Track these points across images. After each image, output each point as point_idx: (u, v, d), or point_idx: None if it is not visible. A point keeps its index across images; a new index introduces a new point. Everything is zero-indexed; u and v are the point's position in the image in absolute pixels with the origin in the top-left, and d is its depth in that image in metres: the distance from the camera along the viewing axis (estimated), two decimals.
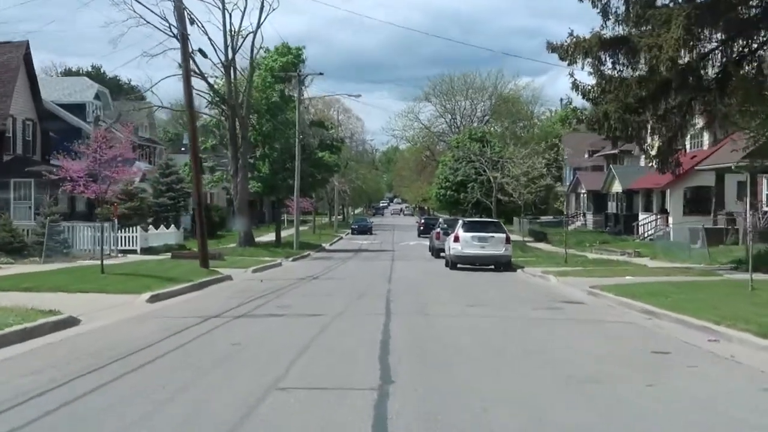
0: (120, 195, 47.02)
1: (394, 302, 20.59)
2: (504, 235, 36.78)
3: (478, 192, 59.65)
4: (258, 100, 53.89)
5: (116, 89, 78.73)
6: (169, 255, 40.88)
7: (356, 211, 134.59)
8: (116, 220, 42.77)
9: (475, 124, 79.60)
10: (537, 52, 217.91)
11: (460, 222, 37.64)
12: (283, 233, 72.87)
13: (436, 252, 48.79)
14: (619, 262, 39.35)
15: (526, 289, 26.49)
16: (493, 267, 36.69)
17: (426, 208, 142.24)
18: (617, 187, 68.37)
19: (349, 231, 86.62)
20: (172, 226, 51.14)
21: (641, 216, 61.81)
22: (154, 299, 20.63)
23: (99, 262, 38.86)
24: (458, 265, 36.77)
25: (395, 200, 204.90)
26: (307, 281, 28.77)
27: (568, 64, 33.72)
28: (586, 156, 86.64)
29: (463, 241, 36.29)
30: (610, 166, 71.78)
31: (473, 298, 22.50)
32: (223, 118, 49.46)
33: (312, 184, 57.84)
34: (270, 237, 68.20)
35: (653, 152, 32.93)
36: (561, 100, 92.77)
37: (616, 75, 31.58)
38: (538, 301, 21.92)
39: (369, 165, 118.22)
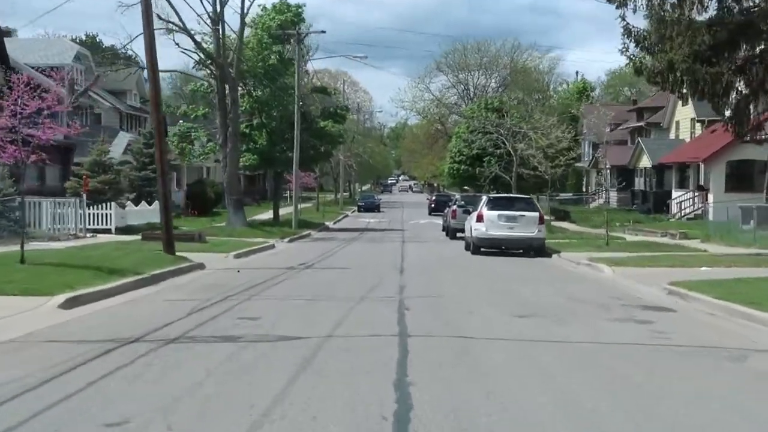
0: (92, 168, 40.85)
1: (410, 312, 14.19)
2: (536, 214, 30.38)
3: (496, 166, 53.05)
4: (253, 62, 47.42)
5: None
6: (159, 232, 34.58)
7: (363, 188, 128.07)
8: (85, 195, 36.48)
9: (490, 95, 73.04)
10: (546, 30, 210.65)
11: (485, 199, 31.23)
12: (283, 211, 66.63)
13: (452, 232, 42.43)
14: (668, 246, 32.97)
15: (579, 285, 20.10)
16: (521, 252, 30.36)
17: (435, 185, 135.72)
18: (646, 162, 61.86)
19: (356, 208, 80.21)
20: (156, 202, 44.74)
21: (675, 193, 55.31)
22: (70, 304, 14.32)
23: (60, 243, 32.94)
24: (481, 249, 30.44)
25: (402, 177, 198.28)
26: (297, 272, 22.42)
27: (618, 7, 27.35)
28: (608, 130, 79.75)
29: (488, 221, 29.92)
30: (638, 139, 65.22)
31: (518, 302, 16.16)
32: (212, 80, 42.94)
33: (314, 156, 51.43)
34: (270, 215, 62.01)
35: (727, 113, 26.39)
36: (576, 73, 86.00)
37: (681, 17, 25.09)
38: (608, 306, 15.52)
39: (377, 140, 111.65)
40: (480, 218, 30.10)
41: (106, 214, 38.56)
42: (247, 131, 51.51)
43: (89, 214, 38.04)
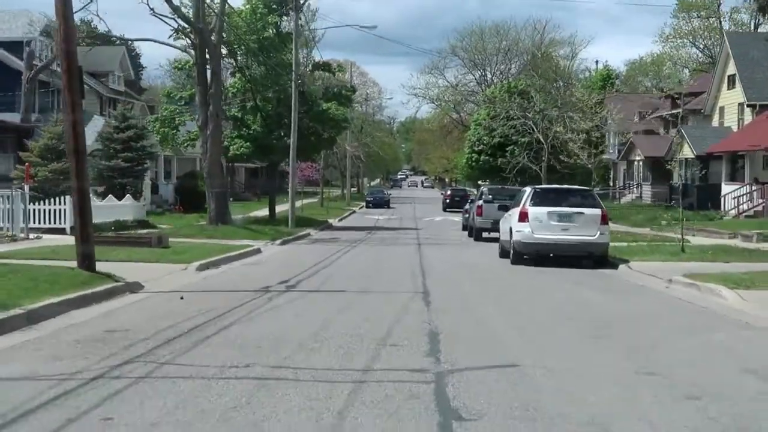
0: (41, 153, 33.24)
1: None
2: (598, 212, 22.62)
3: (524, 155, 45.28)
4: (246, 34, 39.80)
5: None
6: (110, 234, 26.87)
7: (372, 183, 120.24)
8: (27, 187, 28.91)
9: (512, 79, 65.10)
10: (557, 25, 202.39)
11: (529, 192, 23.36)
12: (282, 207, 59.09)
13: (477, 232, 34.71)
14: (760, 252, 25.21)
15: (702, 322, 12.41)
16: (572, 259, 22.66)
17: (447, 180, 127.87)
18: (688, 152, 53.96)
19: (364, 204, 72.47)
20: (128, 196, 37.18)
21: (726, 187, 47.44)
22: None
23: None
24: (524, 256, 22.75)
25: (411, 174, 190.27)
26: (269, 299, 14.65)
27: None
28: (636, 119, 72.08)
29: (534, 221, 22.19)
30: (679, 127, 57.30)
31: (639, 360, 8.52)
32: (192, 50, 35.17)
33: (315, 143, 43.76)
34: (266, 211, 54.54)
35: None
36: (596, 62, 77.93)
37: None
38: None
39: (386, 131, 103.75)
40: (523, 217, 22.36)
41: (60, 210, 31.03)
42: (239, 115, 43.98)
43: (37, 210, 30.56)
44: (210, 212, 33.53)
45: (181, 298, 14.33)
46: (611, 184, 73.75)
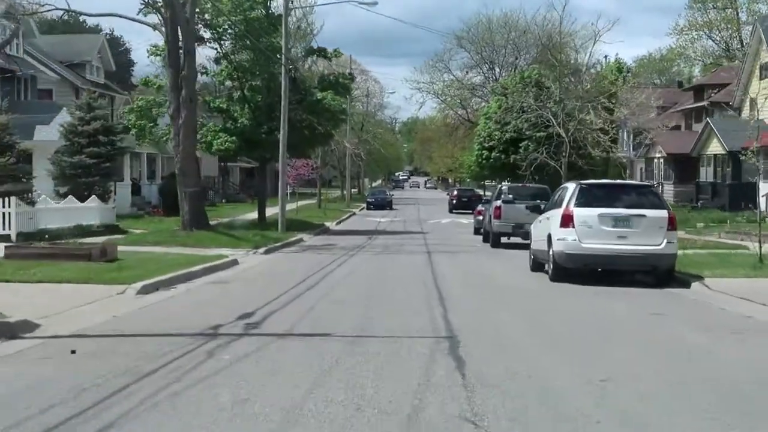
0: None
1: None
2: (664, 214, 17.24)
3: (543, 151, 39.93)
4: (231, 14, 34.60)
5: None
6: (43, 244, 21.52)
7: (374, 184, 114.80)
8: None
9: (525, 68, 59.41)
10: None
11: (573, 189, 17.82)
12: (276, 209, 53.96)
13: (495, 237, 29.42)
14: None
15: None
16: (624, 273, 17.38)
17: (451, 180, 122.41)
18: (717, 148, 48.65)
19: (364, 206, 67.09)
20: (93, 197, 31.88)
21: (766, 186, 42.01)
22: None
23: None
24: (568, 269, 17.43)
25: (412, 174, 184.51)
26: (206, 355, 9.21)
27: None
28: (653, 114, 66.55)
29: (581, 226, 16.86)
30: (707, 120, 51.87)
31: None
32: (163, 28, 29.78)
33: (309, 138, 38.41)
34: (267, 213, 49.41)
35: None
36: (605, 57, 72.17)
37: None
38: None
39: (388, 130, 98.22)
40: (567, 221, 17.01)
41: (3, 214, 25.77)
42: (224, 107, 38.68)
43: None
44: (183, 216, 28.19)
45: (73, 352, 9.04)
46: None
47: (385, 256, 25.52)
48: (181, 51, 27.58)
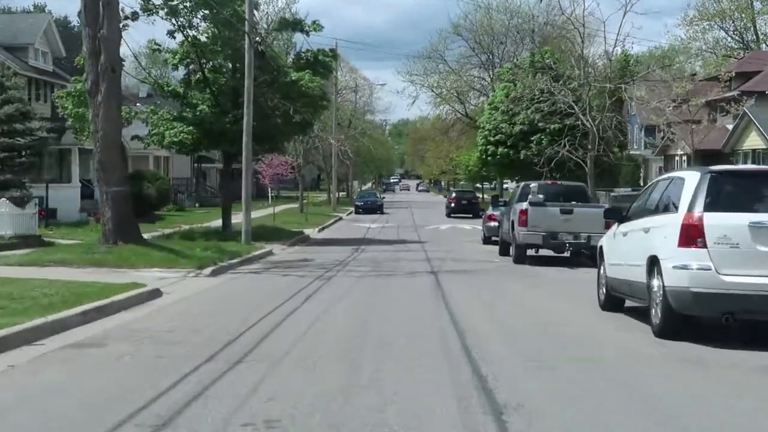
0: None
1: None
2: None
3: (566, 144, 32.51)
4: None
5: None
6: None
7: (364, 187, 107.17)
8: None
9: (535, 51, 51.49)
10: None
11: (695, 180, 10.12)
12: (257, 214, 46.61)
13: (519, 251, 22.08)
14: None
15: None
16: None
17: (445, 182, 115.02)
18: (756, 142, 41.50)
19: (352, 210, 59.45)
20: (4, 201, 24.36)
21: None
22: None
23: None
24: (690, 317, 9.94)
25: (403, 177, 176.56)
26: None
27: None
28: (670, 108, 59.20)
29: (719, 244, 9.38)
30: (745, 110, 44.56)
31: None
32: None
33: (283, 128, 30.91)
34: (235, 219, 42.30)
35: None
36: (606, 51, 64.49)
37: None
38: None
39: (378, 127, 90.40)
40: (693, 235, 9.51)
41: None
42: (180, 91, 31.30)
43: None
44: (104, 224, 20.60)
45: None
46: (641, 183, 61.02)
47: (374, 279, 18.08)
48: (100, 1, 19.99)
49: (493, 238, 30.29)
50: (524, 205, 21.68)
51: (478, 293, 15.24)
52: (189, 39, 30.21)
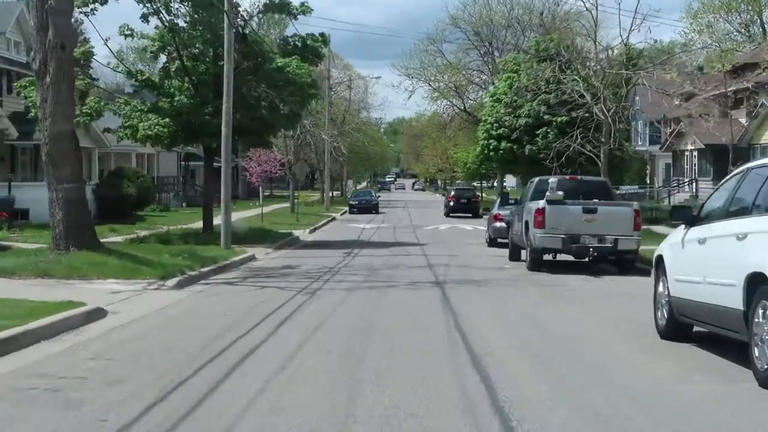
0: None
1: None
2: None
3: (579, 136, 29.44)
4: None
5: None
6: None
7: (359, 186, 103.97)
8: None
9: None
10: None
11: None
12: (240, 215, 43.66)
13: (535, 256, 19.13)
14: None
15: None
16: None
17: (441, 181, 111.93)
18: None
19: (347, 209, 56.34)
20: None
21: None
22: None
23: None
24: None
25: (399, 176, 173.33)
26: None
27: None
28: (676, 102, 56.28)
29: None
30: (763, 101, 41.61)
31: None
32: None
33: (269, 120, 27.85)
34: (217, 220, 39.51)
35: None
36: (620, 35, 61.49)
37: None
38: None
39: (372, 125, 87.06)
40: None
41: None
42: (156, 80, 28.29)
43: None
44: (55, 227, 17.51)
45: None
46: (648, 180, 58.14)
47: (368, 292, 15.03)
48: None
49: (500, 240, 27.36)
50: (540, 203, 18.66)
51: (501, 316, 12.16)
52: (166, 24, 27.23)
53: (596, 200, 18.98)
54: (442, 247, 27.72)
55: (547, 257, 19.71)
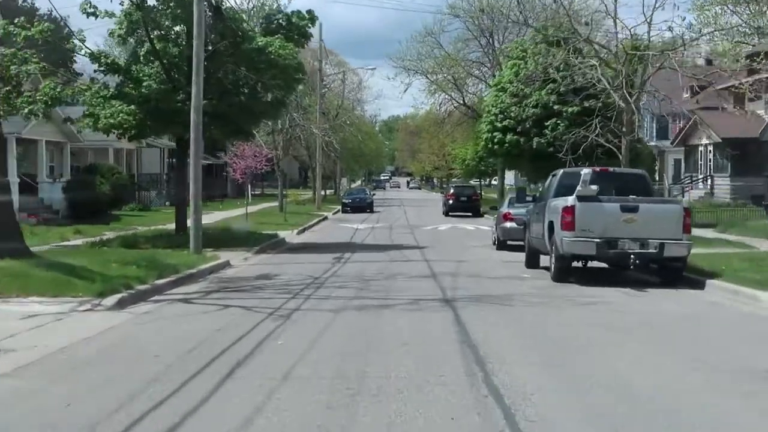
0: None
1: None
2: None
3: (597, 126, 25.94)
4: None
5: None
6: None
7: (354, 185, 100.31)
8: None
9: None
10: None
11: None
12: (223, 214, 40.71)
13: (562, 263, 15.57)
14: None
15: None
16: None
17: (437, 179, 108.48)
18: None
19: (339, 208, 52.71)
20: None
21: None
22: None
23: None
24: None
25: (394, 176, 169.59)
26: None
27: None
28: (686, 95, 52.99)
29: None
30: None
31: None
32: None
33: (249, 108, 24.34)
34: (213, 218, 36.11)
35: None
36: (644, 13, 57.51)
37: None
38: None
39: (368, 124, 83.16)
40: None
41: None
42: (122, 64, 24.79)
43: None
44: None
45: None
46: (658, 177, 54.64)
47: (358, 315, 11.50)
48: None
49: (509, 242, 23.95)
50: (569, 200, 15.14)
51: (549, 359, 8.62)
52: (135, 2, 23.68)
53: (633, 196, 15.50)
54: (445, 250, 24.27)
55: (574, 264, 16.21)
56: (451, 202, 47.09)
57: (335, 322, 10.74)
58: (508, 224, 23.58)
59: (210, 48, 24.09)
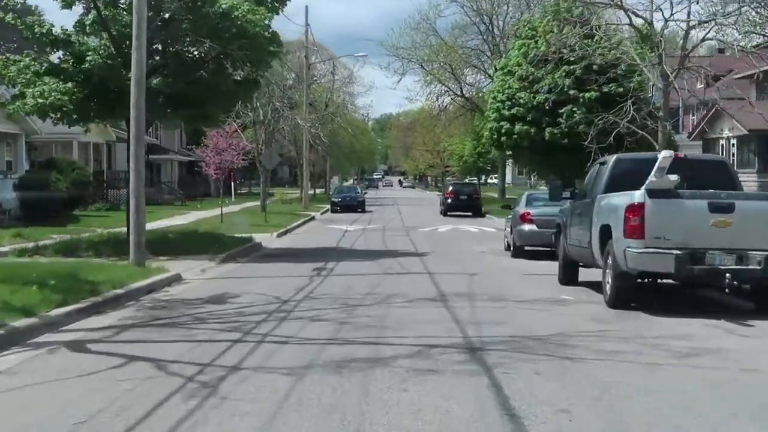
0: None
1: None
2: None
3: (631, 109, 21.53)
4: None
5: None
6: None
7: (345, 183, 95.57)
8: None
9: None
10: None
11: None
12: (206, 213, 36.52)
13: (623, 283, 11.00)
14: None
15: None
16: None
17: (432, 177, 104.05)
18: None
19: (328, 207, 48.04)
20: None
21: None
22: None
23: None
24: None
25: (387, 175, 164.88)
26: None
27: None
28: (700, 85, 48.57)
29: None
30: None
31: None
32: None
33: (213, 87, 19.86)
34: (185, 219, 31.82)
35: None
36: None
37: None
38: None
39: (360, 121, 78.33)
40: None
41: None
42: (64, 36, 20.23)
43: None
44: None
45: None
46: None
47: (332, 380, 6.93)
48: None
49: (527, 248, 19.53)
50: (636, 195, 10.61)
51: None
52: None
53: (721, 192, 11.00)
54: (449, 257, 19.82)
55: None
56: (449, 200, 42.45)
57: (289, 403, 6.20)
58: (527, 227, 19.12)
59: (165, 15, 19.69)
